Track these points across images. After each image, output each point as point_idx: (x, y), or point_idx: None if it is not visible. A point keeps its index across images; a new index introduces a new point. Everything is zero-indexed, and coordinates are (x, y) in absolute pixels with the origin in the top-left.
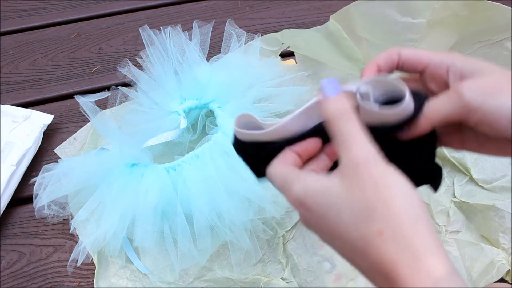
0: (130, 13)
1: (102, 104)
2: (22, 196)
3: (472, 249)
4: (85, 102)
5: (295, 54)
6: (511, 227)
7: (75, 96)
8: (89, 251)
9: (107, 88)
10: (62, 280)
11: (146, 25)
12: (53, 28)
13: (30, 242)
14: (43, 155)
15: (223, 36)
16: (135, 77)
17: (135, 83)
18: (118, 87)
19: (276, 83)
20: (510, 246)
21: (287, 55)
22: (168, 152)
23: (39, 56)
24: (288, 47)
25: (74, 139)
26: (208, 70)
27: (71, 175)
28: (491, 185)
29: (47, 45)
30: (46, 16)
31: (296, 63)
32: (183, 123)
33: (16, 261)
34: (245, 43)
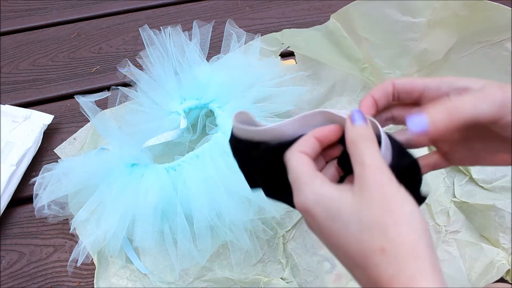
0: (130, 13)
1: (102, 104)
2: (22, 196)
3: (472, 249)
4: (85, 102)
5: (295, 54)
6: (511, 227)
7: (75, 96)
8: (89, 251)
9: (107, 88)
10: (62, 280)
11: (146, 25)
12: (53, 28)
13: (30, 242)
14: (43, 155)
15: (223, 36)
16: (135, 77)
17: (135, 83)
18: (118, 87)
19: (276, 83)
20: (510, 246)
21: (287, 55)
22: (168, 152)
23: (39, 56)
24: (288, 47)
25: (74, 139)
26: (208, 70)
27: (71, 175)
28: (491, 185)
29: (47, 45)
30: (46, 16)
31: (296, 63)
32: (183, 123)
33: (16, 261)
34: (245, 43)
